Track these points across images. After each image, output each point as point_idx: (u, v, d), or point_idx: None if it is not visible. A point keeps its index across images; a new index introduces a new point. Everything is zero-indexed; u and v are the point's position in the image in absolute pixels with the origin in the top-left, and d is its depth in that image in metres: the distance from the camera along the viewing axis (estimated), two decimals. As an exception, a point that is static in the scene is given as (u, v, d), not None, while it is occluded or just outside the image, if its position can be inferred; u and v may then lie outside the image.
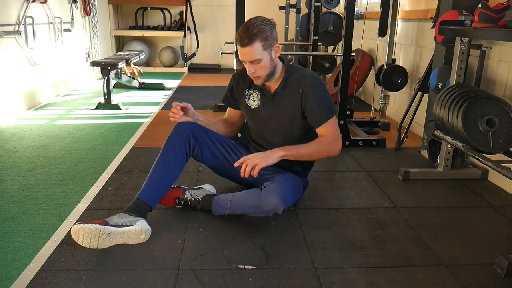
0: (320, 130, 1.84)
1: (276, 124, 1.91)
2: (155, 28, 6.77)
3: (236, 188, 2.05)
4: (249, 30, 1.70)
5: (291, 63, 2.08)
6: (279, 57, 1.85)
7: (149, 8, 6.77)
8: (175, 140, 1.82)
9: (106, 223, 1.57)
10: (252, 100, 1.94)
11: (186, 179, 2.23)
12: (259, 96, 1.92)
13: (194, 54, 6.26)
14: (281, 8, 5.89)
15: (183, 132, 1.83)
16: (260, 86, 1.88)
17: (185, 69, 6.57)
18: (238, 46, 1.75)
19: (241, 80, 1.97)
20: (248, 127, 2.06)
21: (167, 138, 1.83)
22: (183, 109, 1.89)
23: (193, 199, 1.90)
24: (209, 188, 1.99)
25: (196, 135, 1.85)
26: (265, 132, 1.97)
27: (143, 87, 4.97)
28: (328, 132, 1.83)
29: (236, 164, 1.71)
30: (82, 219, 1.82)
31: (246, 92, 1.95)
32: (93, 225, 1.52)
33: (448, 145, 2.31)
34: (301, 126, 1.90)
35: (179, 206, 1.90)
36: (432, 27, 2.66)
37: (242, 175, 1.67)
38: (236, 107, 2.04)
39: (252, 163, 1.67)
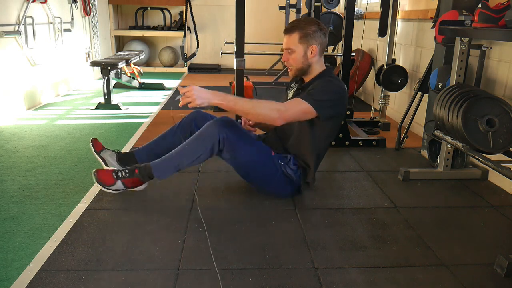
0: (291, 101, 1.89)
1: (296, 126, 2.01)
2: (155, 28, 6.77)
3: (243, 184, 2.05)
4: (295, 22, 1.94)
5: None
6: (327, 65, 2.02)
7: (149, 8, 6.77)
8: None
9: None
10: (290, 91, 2.13)
11: (186, 179, 2.23)
12: (296, 88, 2.08)
13: (194, 54, 6.26)
14: (281, 8, 5.89)
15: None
16: (298, 80, 2.05)
17: (185, 69, 6.56)
18: (285, 37, 1.94)
19: (295, 79, 2.13)
20: None
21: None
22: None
23: (126, 169, 1.99)
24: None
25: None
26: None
27: (143, 87, 4.97)
28: (291, 102, 1.87)
29: (181, 91, 1.76)
30: (82, 219, 1.82)
31: (292, 85, 2.15)
32: None
33: (448, 145, 2.31)
34: (309, 122, 1.93)
35: (119, 181, 1.96)
36: (432, 27, 2.66)
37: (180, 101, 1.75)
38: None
39: (189, 97, 1.73)
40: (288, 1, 5.74)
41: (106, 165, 2.17)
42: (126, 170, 1.98)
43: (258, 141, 2.03)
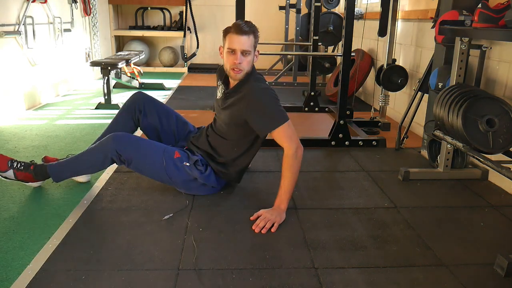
0: (274, 135, 1.89)
1: (222, 117, 2.03)
2: (155, 28, 6.77)
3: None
4: (248, 24, 1.88)
5: (290, 63, 2.18)
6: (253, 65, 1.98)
7: (149, 8, 6.77)
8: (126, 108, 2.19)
9: None
10: (219, 91, 2.10)
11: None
12: (223, 89, 2.05)
13: (194, 54, 6.26)
14: (281, 8, 5.89)
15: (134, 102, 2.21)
16: (224, 80, 2.03)
17: (185, 69, 6.57)
18: (233, 35, 1.84)
19: (219, 73, 2.12)
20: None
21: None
22: None
23: (23, 162, 2.03)
24: None
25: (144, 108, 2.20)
26: (215, 120, 2.13)
27: (143, 87, 4.97)
28: (283, 138, 1.87)
29: (252, 218, 1.83)
30: (82, 219, 1.82)
31: (219, 83, 2.11)
32: None
33: (448, 145, 2.31)
34: (239, 129, 1.99)
35: (11, 170, 1.99)
36: (432, 27, 2.66)
37: (256, 230, 1.75)
38: None
39: (270, 221, 1.78)
40: (288, 1, 5.75)
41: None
42: (22, 164, 2.03)
43: (159, 146, 2.00)
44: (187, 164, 1.96)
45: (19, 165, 2.02)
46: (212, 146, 2.06)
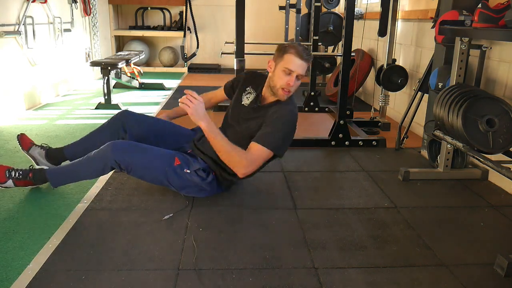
0: (253, 145, 1.87)
1: (240, 126, 2.00)
2: (155, 28, 6.76)
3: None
4: (308, 51, 1.93)
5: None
6: None
7: (149, 8, 6.76)
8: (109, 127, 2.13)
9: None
10: (246, 97, 2.07)
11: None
12: (253, 98, 2.04)
13: (194, 54, 6.26)
14: (281, 8, 5.89)
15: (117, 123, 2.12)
16: (258, 92, 2.03)
17: (185, 69, 6.56)
18: (295, 57, 1.87)
19: (251, 79, 2.13)
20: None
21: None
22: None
23: (21, 170, 2.02)
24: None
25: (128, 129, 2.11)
26: (229, 125, 2.07)
27: (143, 87, 4.97)
28: (255, 153, 1.86)
29: (187, 92, 1.81)
30: (82, 219, 1.82)
31: (248, 89, 2.09)
32: None
33: (448, 145, 2.31)
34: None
35: (10, 180, 1.98)
36: (432, 27, 2.66)
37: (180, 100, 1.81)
38: (228, 95, 2.27)
39: (189, 104, 1.79)
40: (288, 1, 5.74)
41: (37, 164, 2.19)
42: (20, 172, 2.01)
43: (159, 153, 1.97)
44: (188, 171, 1.94)
45: (17, 174, 2.00)
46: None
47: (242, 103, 2.07)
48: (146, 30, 6.65)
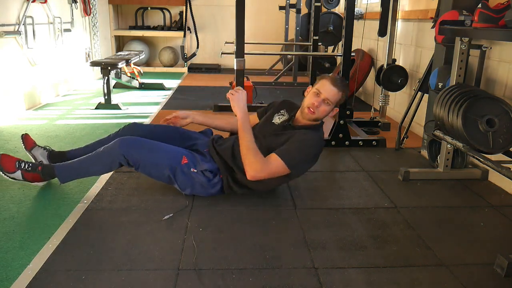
0: (272, 155, 1.90)
1: (265, 139, 2.02)
2: (155, 28, 6.76)
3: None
4: (343, 82, 2.06)
5: (290, 63, 2.19)
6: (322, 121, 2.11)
7: (149, 8, 6.76)
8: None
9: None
10: (278, 118, 2.16)
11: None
12: (284, 119, 2.13)
13: (194, 54, 6.26)
14: (281, 8, 5.89)
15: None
16: (291, 115, 2.12)
17: (185, 69, 6.56)
18: (327, 82, 2.01)
19: (287, 104, 2.22)
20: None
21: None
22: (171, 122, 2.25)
23: (31, 162, 2.04)
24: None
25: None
26: (254, 136, 2.03)
27: (143, 87, 4.97)
28: (272, 162, 1.88)
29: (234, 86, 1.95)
30: (82, 219, 1.82)
31: (282, 111, 2.18)
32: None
33: (448, 145, 2.31)
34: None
35: (19, 171, 2.00)
36: (432, 27, 2.66)
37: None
38: (260, 118, 2.28)
39: (234, 94, 2.00)
40: (288, 1, 5.75)
41: None
42: (30, 164, 2.03)
43: (167, 150, 1.99)
44: (194, 170, 1.96)
45: (26, 165, 2.02)
46: (235, 159, 1.99)
47: (273, 121, 2.14)
48: (146, 30, 6.65)
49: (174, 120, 2.28)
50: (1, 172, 1.99)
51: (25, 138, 2.25)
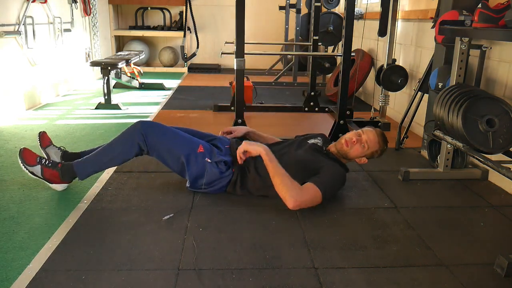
0: (308, 183, 1.90)
1: (297, 154, 2.07)
2: (155, 28, 6.77)
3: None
4: (386, 143, 2.15)
5: (290, 63, 2.18)
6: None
7: (149, 8, 6.76)
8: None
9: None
10: (313, 141, 2.18)
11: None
12: (319, 144, 2.16)
13: (194, 54, 6.26)
14: (281, 8, 5.89)
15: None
16: (325, 144, 2.18)
17: (185, 69, 6.57)
18: (372, 130, 2.12)
19: (323, 137, 2.27)
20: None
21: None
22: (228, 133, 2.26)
23: (52, 160, 2.08)
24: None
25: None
26: (283, 151, 2.10)
27: (143, 87, 4.97)
28: (310, 190, 1.88)
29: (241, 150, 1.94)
30: (82, 219, 1.82)
31: (319, 138, 2.22)
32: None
33: (448, 145, 2.31)
34: (299, 172, 1.98)
35: (39, 165, 2.02)
36: (432, 27, 2.66)
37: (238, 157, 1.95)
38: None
39: (248, 149, 1.93)
40: (288, 1, 5.75)
41: None
42: (50, 161, 2.05)
43: (184, 138, 2.04)
44: (209, 160, 1.99)
45: (47, 162, 2.04)
46: (255, 163, 2.01)
47: (308, 141, 2.17)
48: (146, 30, 6.66)
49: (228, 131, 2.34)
50: (22, 165, 2.00)
51: (42, 136, 2.28)
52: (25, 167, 2.00)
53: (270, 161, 1.90)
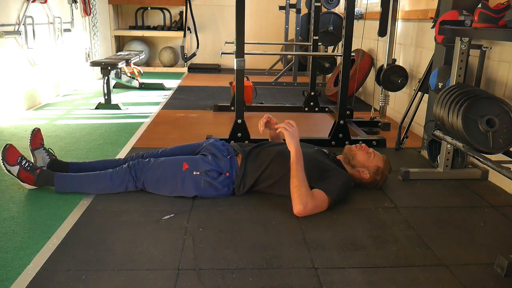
0: (317, 190, 1.92)
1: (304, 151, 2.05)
2: (155, 28, 6.77)
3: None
4: (389, 170, 2.20)
5: (290, 63, 2.17)
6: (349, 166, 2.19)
7: (149, 8, 6.76)
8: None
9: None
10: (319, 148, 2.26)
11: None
12: (325, 151, 2.24)
13: (194, 54, 6.26)
14: (281, 8, 5.89)
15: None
16: (331, 152, 2.24)
17: (185, 69, 6.56)
18: (381, 155, 2.18)
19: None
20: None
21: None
22: (266, 123, 2.21)
23: (31, 164, 2.08)
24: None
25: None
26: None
27: (143, 87, 4.97)
28: (318, 197, 1.91)
29: (288, 122, 2.00)
30: (82, 219, 1.82)
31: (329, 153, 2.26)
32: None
33: (448, 145, 2.31)
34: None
35: (18, 166, 2.03)
36: (432, 27, 2.66)
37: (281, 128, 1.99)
38: None
39: (289, 129, 1.96)
40: (288, 1, 5.75)
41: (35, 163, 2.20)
42: (31, 164, 2.07)
43: (170, 165, 2.04)
44: (197, 173, 1.99)
45: (27, 164, 2.05)
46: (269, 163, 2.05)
47: (314, 147, 2.23)
48: (146, 30, 6.66)
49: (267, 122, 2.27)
50: (1, 161, 2.02)
51: (35, 135, 2.23)
52: (3, 163, 2.02)
53: (297, 162, 1.91)
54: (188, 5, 6.28)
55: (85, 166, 2.22)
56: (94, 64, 4.13)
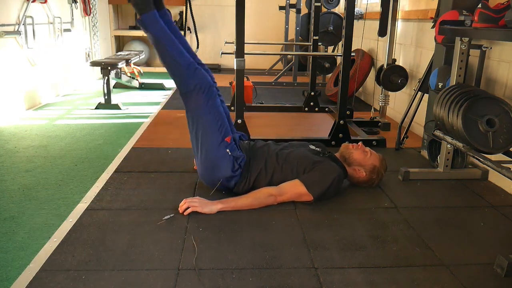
0: (293, 180, 1.98)
1: (299, 150, 2.14)
2: (155, 28, 6.76)
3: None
4: (385, 169, 2.22)
5: (290, 63, 2.18)
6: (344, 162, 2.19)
7: (149, 8, 6.76)
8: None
9: None
10: (313, 146, 2.23)
11: (186, 179, 2.24)
12: (319, 150, 2.20)
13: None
14: (281, 8, 5.89)
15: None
16: (325, 150, 2.19)
17: (185, 69, 6.55)
18: (379, 154, 2.19)
19: (323, 146, 2.26)
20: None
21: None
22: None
23: None
24: None
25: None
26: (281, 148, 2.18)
27: (143, 87, 4.97)
28: (287, 185, 1.97)
29: (184, 201, 1.89)
30: (82, 219, 1.82)
31: (319, 146, 2.25)
32: None
33: (448, 145, 2.31)
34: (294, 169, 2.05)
35: None
36: (432, 27, 2.66)
37: (180, 209, 1.88)
38: None
39: (191, 203, 1.87)
40: (288, 1, 5.75)
41: None
42: None
43: (225, 119, 2.08)
44: (229, 153, 2.02)
45: None
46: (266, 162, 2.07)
47: (309, 146, 2.22)
48: (146, 30, 6.65)
49: None
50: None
51: None
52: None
53: (234, 205, 1.92)
54: (188, 5, 6.27)
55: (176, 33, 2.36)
56: (94, 64, 4.13)
